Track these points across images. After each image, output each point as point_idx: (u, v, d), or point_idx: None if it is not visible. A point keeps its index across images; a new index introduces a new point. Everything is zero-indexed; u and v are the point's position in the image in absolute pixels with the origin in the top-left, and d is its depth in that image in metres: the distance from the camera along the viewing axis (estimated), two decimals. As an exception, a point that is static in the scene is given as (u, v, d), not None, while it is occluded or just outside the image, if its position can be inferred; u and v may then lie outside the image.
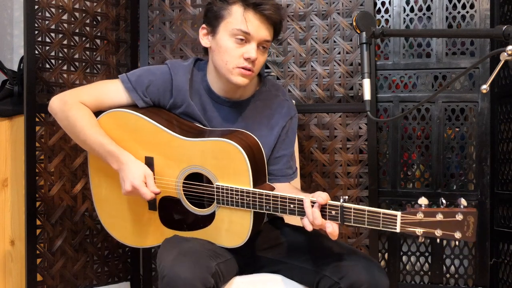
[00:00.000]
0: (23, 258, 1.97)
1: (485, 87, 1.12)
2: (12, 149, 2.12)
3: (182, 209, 1.49)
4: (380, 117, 2.19)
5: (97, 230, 2.16)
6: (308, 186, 2.14)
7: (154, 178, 1.48)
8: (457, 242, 1.24)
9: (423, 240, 1.24)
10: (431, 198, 2.19)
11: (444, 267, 2.14)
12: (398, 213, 1.23)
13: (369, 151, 2.12)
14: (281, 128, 1.59)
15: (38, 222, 1.99)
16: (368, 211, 1.27)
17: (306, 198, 1.32)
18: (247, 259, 1.54)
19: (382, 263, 2.19)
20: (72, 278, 2.08)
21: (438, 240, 1.24)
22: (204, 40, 1.53)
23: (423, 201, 1.23)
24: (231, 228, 1.43)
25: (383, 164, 2.19)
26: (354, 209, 1.29)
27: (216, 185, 1.42)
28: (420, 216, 1.22)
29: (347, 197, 1.31)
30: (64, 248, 2.06)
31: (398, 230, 1.24)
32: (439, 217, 1.21)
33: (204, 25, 1.53)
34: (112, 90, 1.55)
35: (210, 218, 1.46)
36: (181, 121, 1.55)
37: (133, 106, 1.55)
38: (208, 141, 1.44)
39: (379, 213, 1.26)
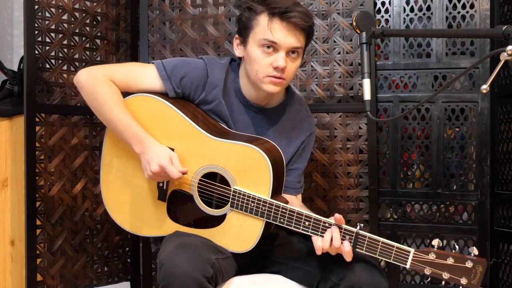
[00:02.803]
0: (23, 258, 1.96)
1: (485, 87, 1.12)
2: (12, 149, 2.12)
3: (193, 205, 1.48)
4: (380, 117, 2.19)
5: (97, 230, 2.16)
6: (308, 186, 2.14)
7: None
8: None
9: (429, 279, 1.28)
10: (431, 198, 2.21)
11: (444, 267, 2.14)
12: (412, 250, 1.27)
13: (369, 151, 2.12)
14: (301, 142, 1.62)
15: (38, 222, 1.99)
16: (382, 243, 1.30)
17: (327, 222, 1.34)
18: (247, 259, 1.53)
19: (382, 263, 2.19)
20: (72, 278, 2.08)
21: (443, 283, 1.27)
22: (238, 50, 1.54)
23: (437, 242, 1.27)
24: (240, 233, 1.43)
25: (383, 164, 2.19)
26: (369, 238, 1.31)
27: (234, 188, 1.42)
28: (432, 256, 1.26)
29: (362, 225, 1.33)
30: (64, 248, 2.06)
31: (408, 266, 1.28)
32: (450, 261, 1.25)
33: (236, 35, 1.54)
34: (145, 75, 1.53)
35: (219, 220, 1.45)
36: (207, 118, 1.54)
37: (162, 94, 1.53)
38: (236, 144, 1.44)
39: (393, 246, 1.29)
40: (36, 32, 1.98)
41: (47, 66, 2.03)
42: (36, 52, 1.99)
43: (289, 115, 1.62)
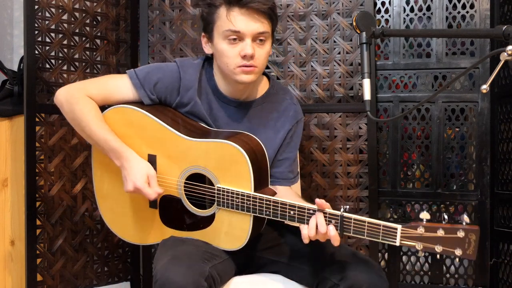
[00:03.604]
0: (23, 258, 1.96)
1: (485, 87, 1.12)
2: (12, 149, 2.12)
3: (183, 208, 1.49)
4: (380, 117, 2.19)
5: (97, 230, 2.16)
6: (308, 186, 2.14)
7: (157, 176, 1.48)
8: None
9: (423, 254, 1.23)
10: (431, 198, 2.21)
11: (444, 267, 2.14)
12: (399, 226, 1.23)
13: (369, 151, 2.12)
14: (287, 131, 1.59)
15: (38, 222, 1.99)
16: (368, 223, 1.26)
17: (308, 207, 1.32)
18: (246, 259, 1.54)
19: (382, 263, 2.19)
20: (72, 278, 2.08)
21: (438, 256, 1.23)
22: (207, 48, 1.53)
23: (425, 215, 1.22)
24: (230, 231, 1.43)
25: (383, 164, 2.19)
26: (354, 219, 1.28)
27: (217, 187, 1.42)
28: (421, 230, 1.21)
29: (348, 206, 1.31)
30: (64, 248, 2.06)
31: (397, 243, 1.23)
32: (440, 232, 1.20)
33: (203, 33, 1.53)
34: (119, 86, 1.54)
35: (209, 220, 1.46)
36: (186, 120, 1.54)
37: (139, 103, 1.55)
38: (212, 142, 1.44)
39: (379, 225, 1.25)
40: (36, 32, 1.98)
41: (47, 66, 2.03)
42: (36, 52, 1.99)
43: (273, 105, 1.60)
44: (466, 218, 1.19)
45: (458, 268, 2.13)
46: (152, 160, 1.50)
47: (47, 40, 2.02)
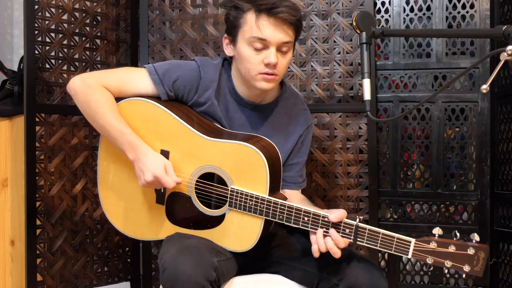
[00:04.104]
0: (23, 258, 1.97)
1: (485, 87, 1.12)
2: (12, 149, 2.12)
3: (191, 207, 1.48)
4: (380, 117, 2.19)
5: (97, 230, 2.16)
6: (308, 186, 2.14)
7: None
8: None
9: (431, 268, 1.27)
10: (431, 198, 2.21)
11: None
12: (413, 240, 1.26)
13: (369, 151, 2.12)
14: (298, 136, 1.61)
15: (38, 222, 1.99)
16: (383, 235, 1.30)
17: (319, 230, 1.34)
18: (247, 259, 1.54)
19: (382, 263, 2.19)
20: (72, 278, 2.08)
21: (446, 271, 1.27)
22: (228, 49, 1.53)
23: (437, 231, 1.26)
24: (240, 233, 1.43)
25: (383, 164, 2.19)
26: (369, 230, 1.31)
27: (231, 187, 1.42)
28: (433, 245, 1.25)
29: (362, 217, 1.33)
30: (64, 248, 2.06)
31: (410, 256, 1.27)
32: (452, 248, 1.24)
33: (225, 35, 1.53)
34: (137, 79, 1.53)
35: (219, 220, 1.45)
36: (201, 119, 1.54)
37: (155, 97, 1.54)
38: (230, 143, 1.43)
39: (393, 237, 1.28)
40: (36, 32, 1.98)
41: (47, 66, 2.03)
42: (36, 52, 1.99)
43: (285, 110, 1.61)
44: (476, 236, 1.24)
45: (458, 268, 2.13)
46: (165, 155, 1.49)
47: (47, 40, 2.02)
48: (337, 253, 1.32)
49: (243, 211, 1.41)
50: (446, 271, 1.26)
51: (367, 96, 1.34)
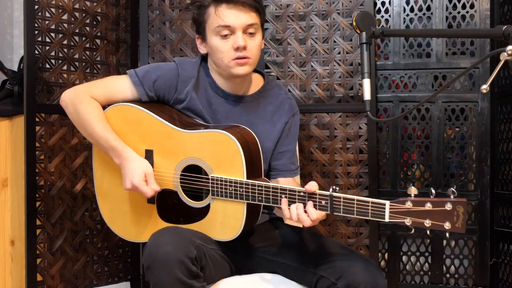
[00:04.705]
0: (23, 258, 1.96)
1: (485, 87, 1.12)
2: (12, 149, 2.12)
3: (179, 201, 1.51)
4: (380, 117, 2.18)
5: (97, 230, 2.16)
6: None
7: (154, 171, 1.50)
8: (453, 242, 1.22)
9: (413, 231, 1.22)
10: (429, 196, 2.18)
11: (444, 267, 2.14)
12: (387, 202, 1.23)
13: (369, 151, 2.12)
14: (284, 124, 1.64)
15: (38, 222, 1.99)
16: (357, 200, 1.27)
17: (284, 199, 1.35)
18: (243, 257, 1.54)
19: (382, 263, 2.19)
20: (72, 278, 2.08)
21: (428, 232, 1.21)
22: (201, 48, 1.60)
23: (412, 191, 1.21)
24: (225, 221, 1.45)
25: (383, 164, 2.19)
26: (344, 198, 1.28)
27: (211, 176, 1.44)
28: (409, 205, 1.20)
29: (337, 188, 1.31)
30: (64, 248, 2.06)
31: (387, 219, 1.22)
32: (428, 206, 1.19)
33: (197, 35, 1.59)
34: (120, 85, 1.60)
35: (205, 211, 1.47)
36: (183, 116, 1.58)
37: (138, 101, 1.59)
38: (205, 132, 1.47)
39: (368, 202, 1.25)
40: (36, 32, 1.98)
41: (47, 66, 2.03)
42: (36, 52, 1.99)
43: (269, 99, 1.65)
44: (453, 191, 1.18)
45: (458, 268, 2.13)
46: (149, 155, 1.53)
47: (47, 40, 2.02)
48: (305, 221, 1.31)
49: (225, 198, 1.43)
50: (428, 232, 1.22)
51: (367, 96, 1.34)
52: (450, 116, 2.13)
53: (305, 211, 1.32)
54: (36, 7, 1.98)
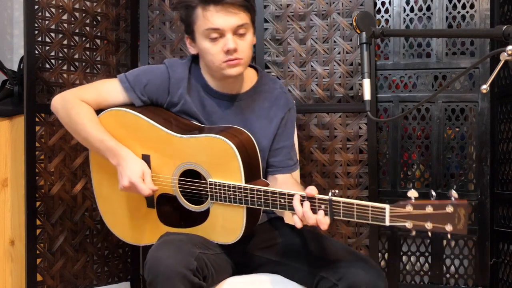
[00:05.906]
0: (23, 258, 1.96)
1: (485, 87, 1.12)
2: (12, 149, 2.12)
3: (179, 206, 1.50)
4: (380, 117, 2.19)
5: (97, 230, 2.16)
6: (308, 186, 2.14)
7: (152, 175, 1.49)
8: (453, 242, 1.22)
9: (414, 233, 1.21)
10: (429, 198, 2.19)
11: (444, 267, 2.14)
12: (387, 206, 1.21)
13: (369, 151, 2.12)
14: (280, 119, 1.61)
15: (38, 222, 1.99)
16: (357, 204, 1.25)
17: (297, 194, 1.32)
18: (244, 257, 1.54)
19: (382, 263, 2.19)
20: (72, 278, 2.08)
21: (429, 234, 1.20)
22: (191, 48, 1.56)
23: (412, 193, 1.19)
24: (226, 225, 1.44)
25: (383, 164, 2.19)
26: (343, 202, 1.27)
27: (209, 181, 1.43)
28: (409, 208, 1.19)
29: (337, 191, 1.31)
30: (64, 248, 2.06)
31: (387, 223, 1.21)
32: (429, 209, 1.17)
33: (186, 36, 1.56)
34: (110, 90, 1.58)
35: (205, 215, 1.47)
36: (179, 119, 1.56)
37: (131, 105, 1.57)
38: (202, 137, 1.45)
39: (368, 206, 1.24)
40: (36, 32, 1.98)
41: (47, 66, 2.03)
42: (36, 52, 1.98)
43: (265, 95, 1.62)
44: (454, 193, 1.17)
45: (458, 268, 2.13)
46: (146, 160, 1.52)
47: (47, 40, 2.02)
48: (311, 218, 1.29)
49: (224, 202, 1.42)
50: (429, 234, 1.21)
51: (367, 96, 1.33)
52: (450, 116, 2.13)
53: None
54: (36, 7, 1.98)
